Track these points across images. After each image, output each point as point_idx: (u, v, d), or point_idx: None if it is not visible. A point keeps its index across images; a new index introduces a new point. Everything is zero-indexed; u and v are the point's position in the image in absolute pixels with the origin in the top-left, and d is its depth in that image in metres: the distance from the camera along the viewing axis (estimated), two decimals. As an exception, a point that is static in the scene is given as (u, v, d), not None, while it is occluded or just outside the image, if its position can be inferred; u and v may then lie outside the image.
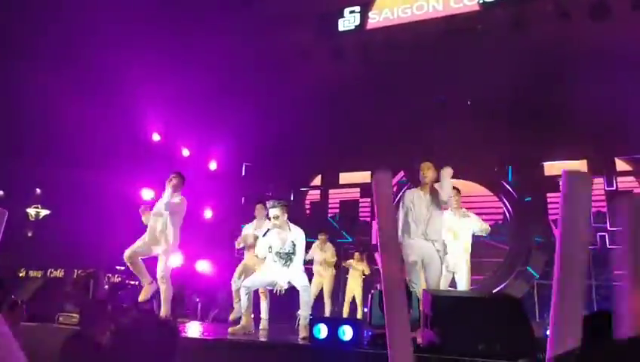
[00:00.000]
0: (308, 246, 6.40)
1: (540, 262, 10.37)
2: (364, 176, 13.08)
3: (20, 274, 10.16)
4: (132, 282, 11.76)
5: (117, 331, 2.56)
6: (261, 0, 10.44)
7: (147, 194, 9.65)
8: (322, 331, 4.16)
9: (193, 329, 6.02)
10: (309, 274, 6.92)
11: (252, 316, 5.59)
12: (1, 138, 10.32)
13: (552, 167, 11.06)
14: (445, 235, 5.69)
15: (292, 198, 13.44)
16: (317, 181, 13.56)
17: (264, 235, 5.39)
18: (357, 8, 10.14)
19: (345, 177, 13.30)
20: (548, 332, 4.56)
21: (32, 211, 13.97)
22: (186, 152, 12.07)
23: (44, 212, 13.98)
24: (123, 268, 12.57)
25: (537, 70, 9.41)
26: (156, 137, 11.62)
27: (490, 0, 9.45)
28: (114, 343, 2.24)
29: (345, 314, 8.53)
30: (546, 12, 8.97)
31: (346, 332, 4.07)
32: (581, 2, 8.80)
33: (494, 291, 9.16)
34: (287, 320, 7.25)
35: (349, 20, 10.11)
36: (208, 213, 12.30)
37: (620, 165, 10.37)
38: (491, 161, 11.32)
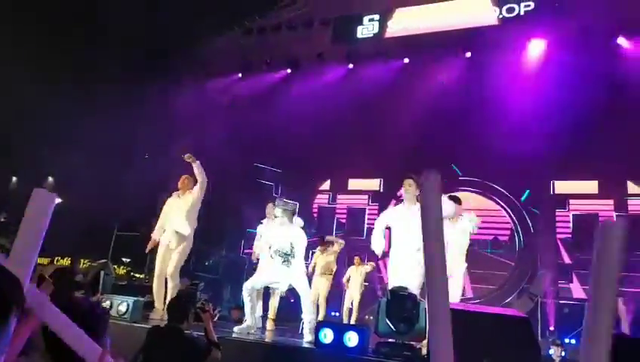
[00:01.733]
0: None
1: (545, 281, 10.32)
2: (372, 184, 13.08)
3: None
4: (137, 275, 11.89)
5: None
6: (280, 5, 10.53)
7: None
8: (328, 336, 4.17)
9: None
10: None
11: (257, 316, 5.62)
12: (17, 130, 10.48)
13: (562, 186, 10.98)
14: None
15: (300, 201, 13.48)
16: (326, 186, 13.58)
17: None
18: (376, 16, 10.19)
19: (354, 183, 13.32)
20: (550, 351, 4.50)
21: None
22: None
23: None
24: (129, 259, 12.74)
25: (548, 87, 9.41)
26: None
27: (509, 16, 9.48)
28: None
29: (345, 320, 8.48)
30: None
31: (351, 339, 4.08)
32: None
33: (500, 306, 9.13)
34: (293, 322, 7.26)
35: (367, 28, 10.16)
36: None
37: (632, 188, 10.17)
38: (501, 176, 11.28)
